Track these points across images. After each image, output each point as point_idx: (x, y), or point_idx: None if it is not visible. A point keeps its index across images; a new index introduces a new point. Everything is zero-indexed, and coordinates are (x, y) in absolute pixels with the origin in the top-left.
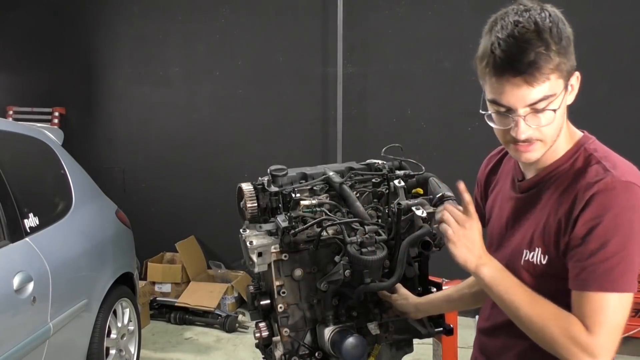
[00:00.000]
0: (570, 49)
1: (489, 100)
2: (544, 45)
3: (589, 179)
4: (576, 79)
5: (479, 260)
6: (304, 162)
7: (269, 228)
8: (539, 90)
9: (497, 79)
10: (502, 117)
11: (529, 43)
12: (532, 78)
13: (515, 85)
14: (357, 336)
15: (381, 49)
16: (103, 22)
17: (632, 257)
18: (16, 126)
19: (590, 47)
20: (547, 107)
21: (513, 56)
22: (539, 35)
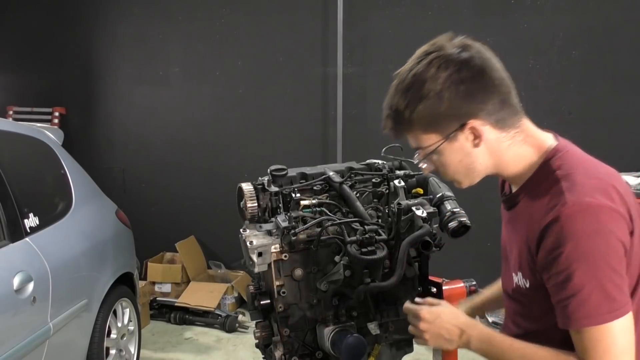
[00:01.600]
0: (446, 103)
1: None
2: (398, 105)
3: (546, 203)
4: (470, 130)
5: (460, 339)
6: (304, 162)
7: (269, 228)
8: (411, 141)
9: None
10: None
11: (390, 100)
12: (396, 133)
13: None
14: (357, 336)
15: (381, 49)
16: (103, 22)
17: (603, 284)
18: (16, 126)
19: (590, 47)
20: (427, 154)
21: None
22: (396, 95)
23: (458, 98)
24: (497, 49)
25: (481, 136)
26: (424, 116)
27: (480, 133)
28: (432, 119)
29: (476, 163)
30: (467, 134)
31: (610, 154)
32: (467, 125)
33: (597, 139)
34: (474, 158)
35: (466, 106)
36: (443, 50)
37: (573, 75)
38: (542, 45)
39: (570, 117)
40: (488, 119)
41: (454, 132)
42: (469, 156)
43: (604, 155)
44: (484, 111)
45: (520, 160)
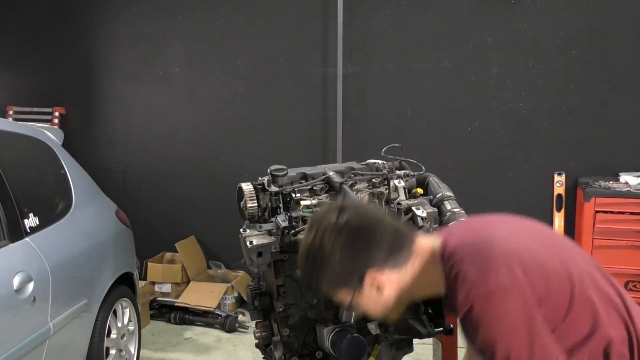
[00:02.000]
0: (341, 265)
1: None
2: (308, 278)
3: (457, 298)
4: (370, 281)
5: None
6: (304, 162)
7: (269, 228)
8: (335, 299)
9: None
10: None
11: (301, 273)
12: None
13: None
14: (357, 336)
15: (381, 49)
16: (103, 22)
17: (520, 353)
18: (16, 126)
19: (590, 47)
20: (349, 307)
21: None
22: (303, 269)
23: (349, 259)
24: (497, 49)
25: (382, 282)
26: (329, 281)
27: (379, 280)
28: (336, 281)
29: (389, 302)
30: (369, 283)
31: (610, 154)
32: (367, 278)
33: (597, 139)
34: (385, 299)
35: (358, 263)
36: (324, 220)
37: (573, 75)
38: (542, 45)
39: (570, 117)
40: (383, 265)
41: (358, 285)
42: (380, 299)
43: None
44: (376, 261)
45: (429, 279)
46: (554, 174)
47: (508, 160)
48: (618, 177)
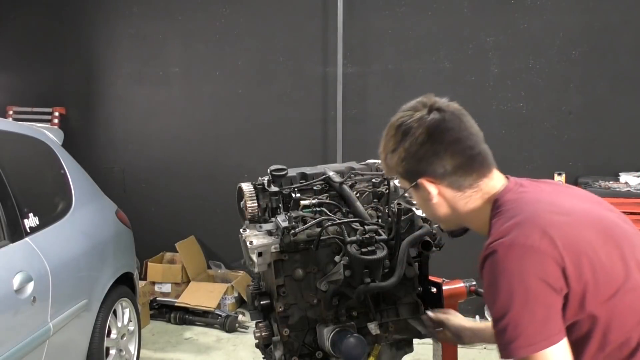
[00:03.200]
0: (405, 162)
1: None
2: (382, 150)
3: (481, 255)
4: (425, 186)
5: None
6: (304, 162)
7: (269, 228)
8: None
9: None
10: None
11: (380, 143)
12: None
13: None
14: (357, 336)
15: (381, 49)
16: (103, 22)
17: (516, 320)
18: (16, 126)
19: (590, 47)
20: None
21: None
22: (383, 140)
23: (412, 158)
24: (497, 49)
25: (430, 194)
26: (394, 163)
27: (429, 191)
28: (397, 169)
29: (438, 212)
30: (422, 188)
31: (610, 154)
32: (419, 181)
33: (597, 139)
34: (435, 208)
35: (418, 166)
36: (417, 110)
37: (573, 75)
38: (542, 45)
39: (570, 117)
40: (440, 179)
41: (415, 184)
42: (431, 204)
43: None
44: (435, 173)
45: (478, 216)
46: (554, 174)
47: (508, 161)
48: (618, 177)
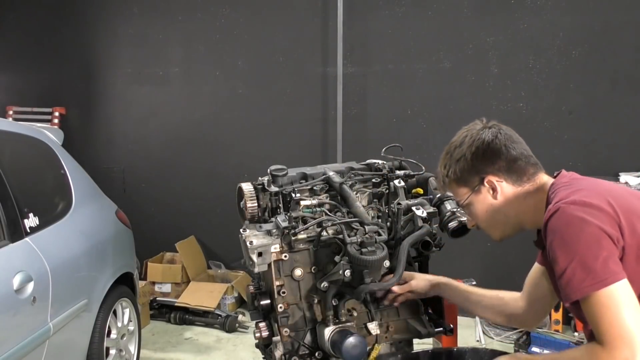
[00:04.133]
0: (470, 163)
1: None
2: (443, 167)
3: (544, 219)
4: (488, 184)
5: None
6: (304, 162)
7: (269, 228)
8: (455, 196)
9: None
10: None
11: (440, 164)
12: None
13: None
14: (357, 336)
15: (381, 49)
16: (103, 22)
17: (583, 262)
18: (16, 126)
19: (590, 47)
20: (463, 206)
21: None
22: (442, 160)
23: (477, 159)
24: (497, 49)
25: (497, 190)
26: (454, 173)
27: (496, 187)
28: (460, 175)
29: (500, 214)
30: (487, 187)
31: (610, 154)
32: (486, 179)
33: (597, 139)
34: (497, 209)
35: (483, 165)
36: (473, 126)
37: (573, 75)
38: (542, 45)
39: (570, 117)
40: (504, 176)
41: (477, 186)
42: (492, 207)
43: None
44: (499, 170)
45: (536, 207)
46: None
47: None
48: (618, 177)
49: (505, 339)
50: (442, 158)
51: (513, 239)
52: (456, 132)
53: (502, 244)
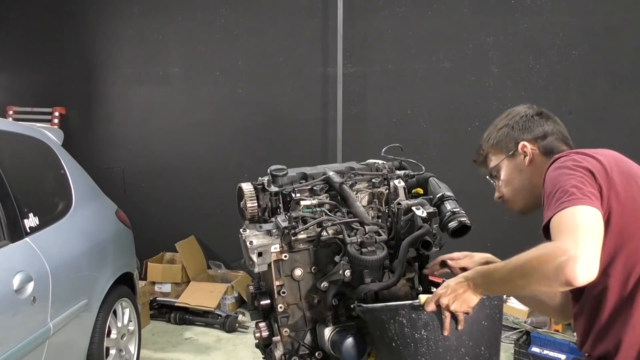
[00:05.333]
0: (510, 131)
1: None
2: (486, 135)
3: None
4: (522, 149)
5: (470, 286)
6: (304, 162)
7: (269, 228)
8: (489, 163)
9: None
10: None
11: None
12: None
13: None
14: (357, 336)
15: (381, 49)
16: (103, 22)
17: (564, 187)
18: (16, 126)
19: (590, 47)
20: (494, 172)
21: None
22: (486, 131)
23: (518, 127)
24: (497, 49)
25: (530, 155)
26: (495, 138)
27: (529, 152)
28: (500, 140)
29: (527, 180)
30: (521, 153)
31: None
32: (520, 144)
33: (597, 139)
34: (527, 175)
35: (522, 133)
36: (519, 108)
37: (573, 75)
38: (542, 45)
39: (570, 117)
40: (537, 145)
41: (513, 151)
42: (522, 172)
43: None
44: (535, 138)
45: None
46: None
47: None
48: None
49: (505, 339)
50: (487, 130)
51: (512, 239)
52: (456, 132)
53: (503, 244)
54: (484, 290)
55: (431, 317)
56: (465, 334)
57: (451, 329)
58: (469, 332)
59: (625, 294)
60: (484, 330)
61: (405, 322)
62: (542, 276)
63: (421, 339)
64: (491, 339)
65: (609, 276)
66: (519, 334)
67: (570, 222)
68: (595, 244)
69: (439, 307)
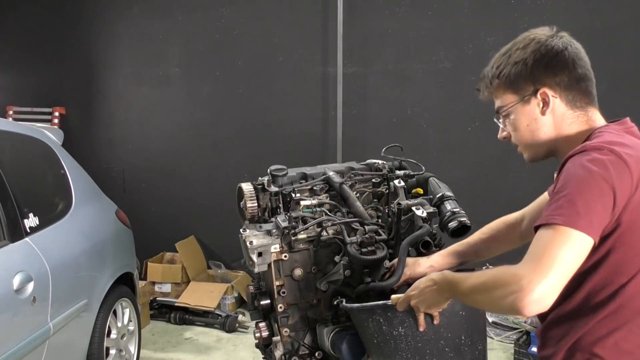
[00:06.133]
0: (529, 69)
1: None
2: (494, 65)
3: (569, 153)
4: (541, 97)
5: (437, 289)
6: (304, 162)
7: (269, 228)
8: (496, 100)
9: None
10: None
11: (491, 63)
12: (485, 90)
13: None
14: (356, 336)
15: (381, 49)
16: (103, 22)
17: (574, 200)
18: (16, 126)
19: (590, 47)
20: (504, 113)
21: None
22: (496, 58)
23: (538, 66)
24: (497, 49)
25: (549, 104)
26: (507, 75)
27: (549, 101)
28: (514, 79)
29: (540, 131)
30: (538, 100)
31: None
32: (540, 91)
33: None
34: (540, 125)
35: (543, 74)
36: (540, 31)
37: None
38: None
39: None
40: (560, 92)
41: (529, 96)
42: (536, 122)
43: None
44: (559, 84)
45: (573, 140)
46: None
47: (508, 160)
48: None
49: (505, 339)
50: (497, 57)
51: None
52: (456, 132)
53: None
54: (450, 296)
55: (406, 314)
56: (443, 326)
57: (428, 323)
58: (446, 324)
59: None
60: (462, 320)
61: (382, 320)
62: (494, 300)
63: (399, 336)
64: (472, 327)
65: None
66: (519, 334)
67: (548, 246)
68: (558, 279)
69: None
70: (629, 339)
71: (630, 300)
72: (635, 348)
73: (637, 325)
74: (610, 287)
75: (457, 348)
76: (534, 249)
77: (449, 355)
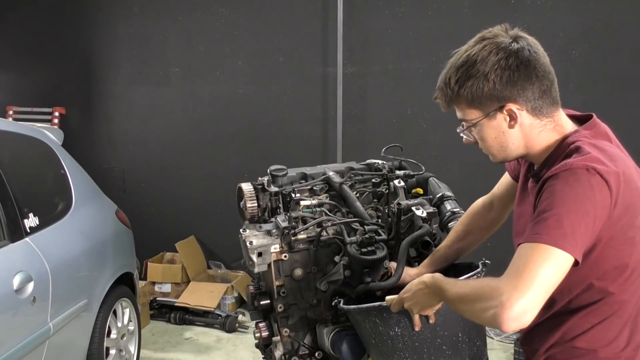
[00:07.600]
0: (491, 84)
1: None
2: (450, 79)
3: (553, 169)
4: (507, 112)
5: (427, 290)
6: (304, 162)
7: (269, 228)
8: (457, 112)
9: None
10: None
11: (444, 74)
12: (444, 103)
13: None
14: (356, 336)
15: (381, 49)
16: (103, 22)
17: (562, 219)
18: (16, 126)
19: (590, 47)
20: (468, 127)
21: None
22: (450, 70)
23: (502, 82)
24: None
25: (516, 119)
26: (469, 93)
27: (516, 116)
28: (476, 96)
29: (509, 142)
30: (504, 115)
31: None
32: (505, 107)
33: None
34: (508, 137)
35: (508, 90)
36: (497, 38)
37: (573, 75)
38: (542, 45)
39: None
40: (526, 105)
41: (494, 112)
42: (504, 135)
43: None
44: (523, 97)
45: (545, 145)
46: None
47: None
48: None
49: (505, 339)
50: (453, 69)
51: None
52: (456, 132)
53: (502, 243)
54: (440, 299)
55: (402, 315)
56: (439, 325)
57: (424, 323)
58: (442, 323)
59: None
60: (458, 318)
61: (378, 321)
62: (475, 312)
63: (396, 336)
64: (469, 323)
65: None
66: (518, 334)
67: (530, 263)
68: (538, 297)
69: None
70: (610, 329)
71: (612, 296)
72: (614, 337)
73: (618, 316)
74: (591, 292)
75: (455, 345)
76: (516, 264)
77: (446, 353)
